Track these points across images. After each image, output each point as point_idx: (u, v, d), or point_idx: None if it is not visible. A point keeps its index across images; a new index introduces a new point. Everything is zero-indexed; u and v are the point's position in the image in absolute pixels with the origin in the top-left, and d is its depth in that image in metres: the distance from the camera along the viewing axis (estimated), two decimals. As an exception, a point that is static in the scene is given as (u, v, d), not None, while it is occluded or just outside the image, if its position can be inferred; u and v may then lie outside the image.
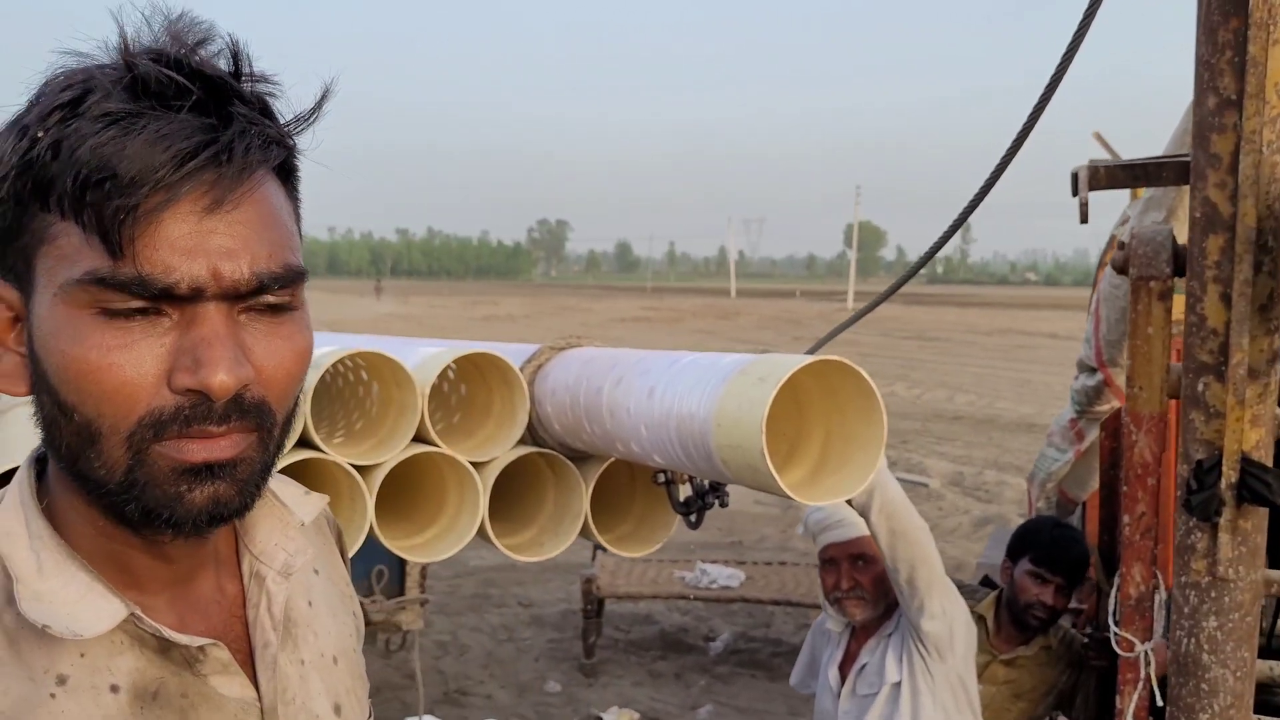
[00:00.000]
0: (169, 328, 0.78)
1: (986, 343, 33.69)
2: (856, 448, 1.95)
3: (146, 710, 0.85)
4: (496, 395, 2.40)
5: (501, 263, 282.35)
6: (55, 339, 0.78)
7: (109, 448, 0.78)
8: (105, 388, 0.77)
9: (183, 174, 0.75)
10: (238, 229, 0.78)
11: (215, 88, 0.78)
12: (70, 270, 0.76)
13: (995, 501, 11.04)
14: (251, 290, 0.79)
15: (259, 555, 0.97)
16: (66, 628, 0.80)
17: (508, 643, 6.86)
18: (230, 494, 0.81)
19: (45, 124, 0.76)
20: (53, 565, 0.83)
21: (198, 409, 0.78)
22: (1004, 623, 3.49)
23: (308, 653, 0.99)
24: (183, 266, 0.76)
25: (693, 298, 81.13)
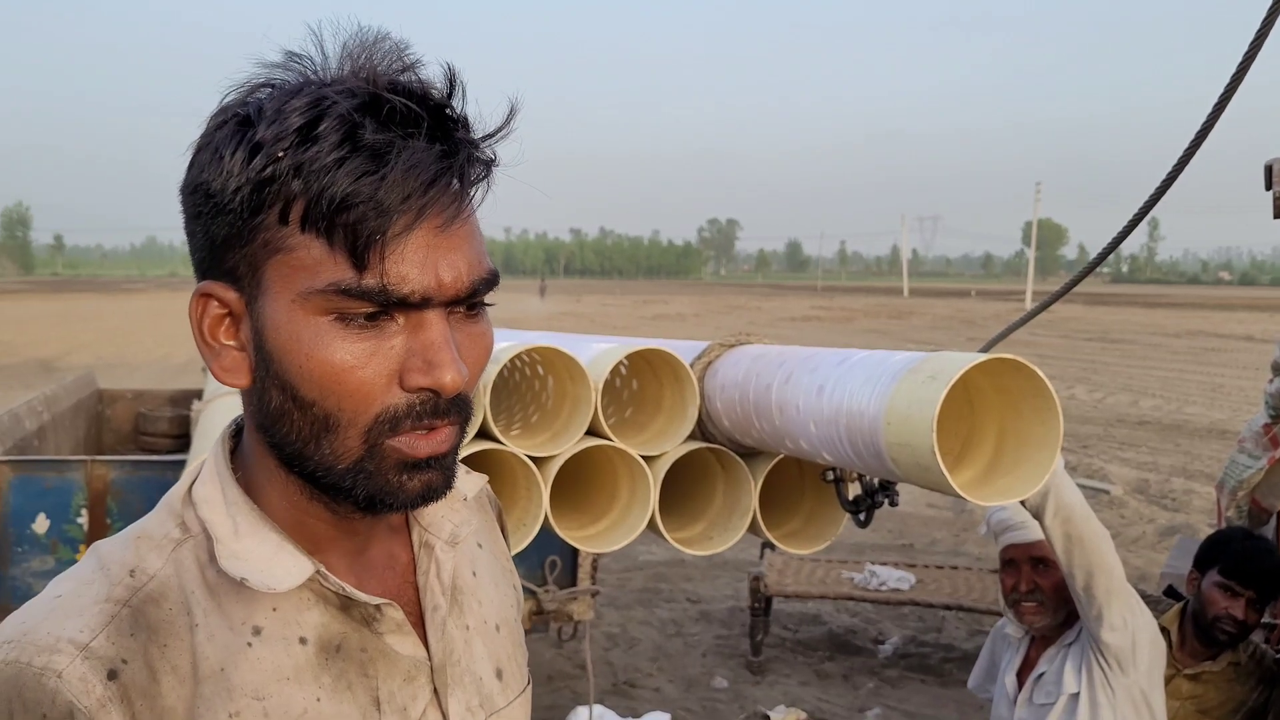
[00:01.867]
0: (396, 332, 0.86)
1: (1175, 345, 32.17)
2: (1031, 448, 1.91)
3: (331, 661, 0.93)
4: (667, 391, 2.44)
5: (672, 262, 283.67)
6: (296, 341, 0.85)
7: (346, 438, 0.87)
8: (348, 387, 0.85)
9: (426, 201, 0.83)
10: (458, 242, 0.86)
11: (440, 115, 0.85)
12: (311, 280, 0.84)
13: (1182, 510, 10.55)
14: (466, 296, 0.88)
15: (427, 526, 1.05)
16: (262, 581, 0.89)
17: (676, 637, 6.92)
18: (439, 480, 0.91)
19: (281, 144, 0.82)
20: (248, 527, 0.92)
21: (427, 405, 0.87)
22: (1189, 636, 3.34)
23: (472, 619, 1.07)
24: (417, 279, 0.84)
25: (864, 297, 79.96)
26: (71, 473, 3.76)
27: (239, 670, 0.89)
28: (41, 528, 3.71)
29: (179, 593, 0.90)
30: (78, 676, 0.83)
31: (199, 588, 0.91)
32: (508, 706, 1.08)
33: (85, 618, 0.87)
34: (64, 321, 38.54)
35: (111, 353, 25.49)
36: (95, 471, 3.75)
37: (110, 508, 3.74)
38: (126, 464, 3.85)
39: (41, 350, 26.19)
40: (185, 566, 0.92)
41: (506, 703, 1.08)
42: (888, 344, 28.97)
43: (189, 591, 0.91)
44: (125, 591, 0.89)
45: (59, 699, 0.83)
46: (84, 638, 0.85)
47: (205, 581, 0.91)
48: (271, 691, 0.90)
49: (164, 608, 0.89)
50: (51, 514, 3.72)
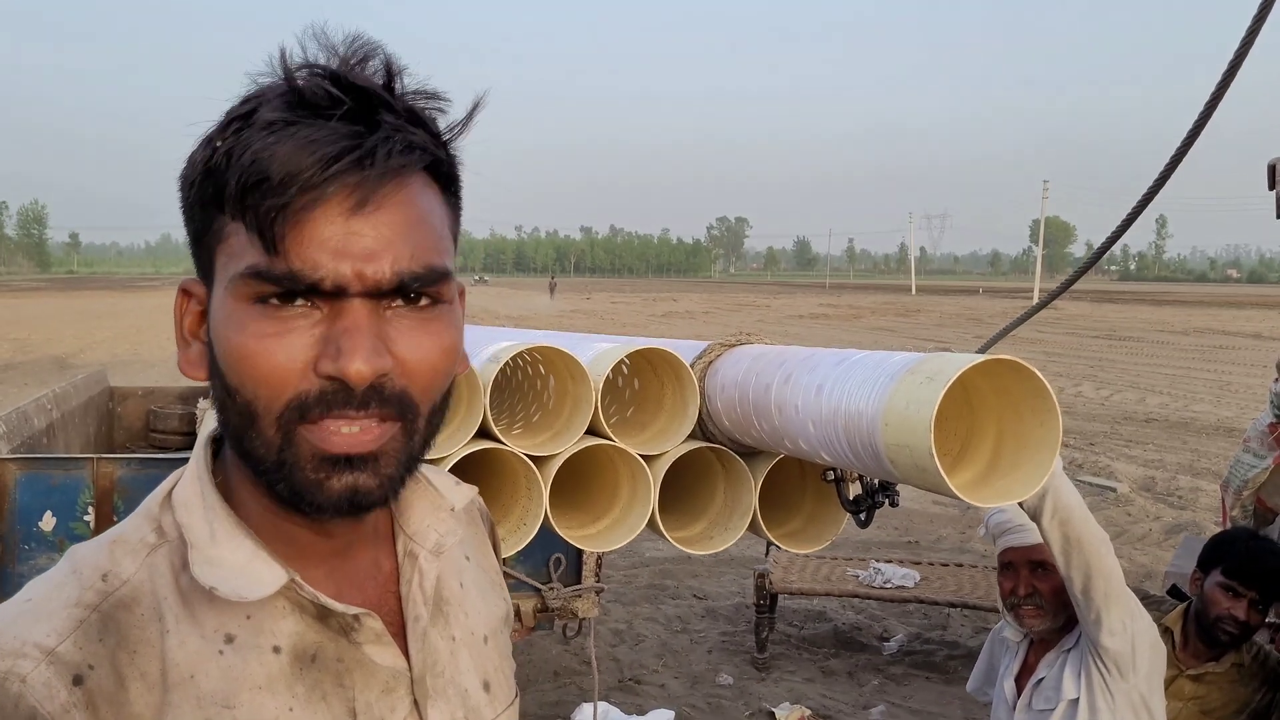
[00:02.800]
0: (319, 320, 0.84)
1: (1182, 342, 32.08)
2: (1030, 449, 1.92)
3: (305, 671, 0.92)
4: (668, 390, 2.45)
5: (681, 259, 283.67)
6: (224, 327, 0.86)
7: (263, 428, 0.85)
8: (260, 371, 0.84)
9: (327, 176, 0.80)
10: (382, 230, 0.83)
11: (366, 99, 0.84)
12: (236, 265, 0.84)
13: (1189, 508, 10.52)
14: (393, 288, 0.85)
15: (412, 535, 1.03)
16: (233, 590, 0.88)
17: (681, 634, 6.93)
18: (371, 485, 0.87)
19: (224, 134, 0.83)
20: (224, 534, 0.91)
21: (338, 395, 0.84)
22: (1191, 636, 3.34)
23: (458, 630, 1.05)
24: (328, 264, 0.82)
25: (872, 294, 79.83)
26: (78, 470, 3.77)
27: (209, 678, 0.88)
28: (48, 525, 3.73)
29: (151, 598, 0.90)
30: (41, 681, 0.83)
31: (172, 594, 0.90)
32: (496, 718, 1.07)
33: (53, 622, 0.86)
34: (79, 319, 38.69)
35: (126, 350, 25.57)
36: (102, 469, 3.76)
37: (117, 505, 3.76)
38: (133, 462, 3.87)
39: (57, 347, 26.28)
40: (159, 572, 0.91)
41: (494, 715, 1.07)
42: (895, 341, 28.94)
43: (161, 597, 0.90)
44: (96, 596, 0.88)
45: (22, 704, 0.82)
46: (50, 642, 0.85)
47: (179, 587, 0.90)
48: (243, 700, 0.89)
49: (135, 613, 0.89)
50: (58, 512, 3.74)
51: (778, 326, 36.36)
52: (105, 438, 6.46)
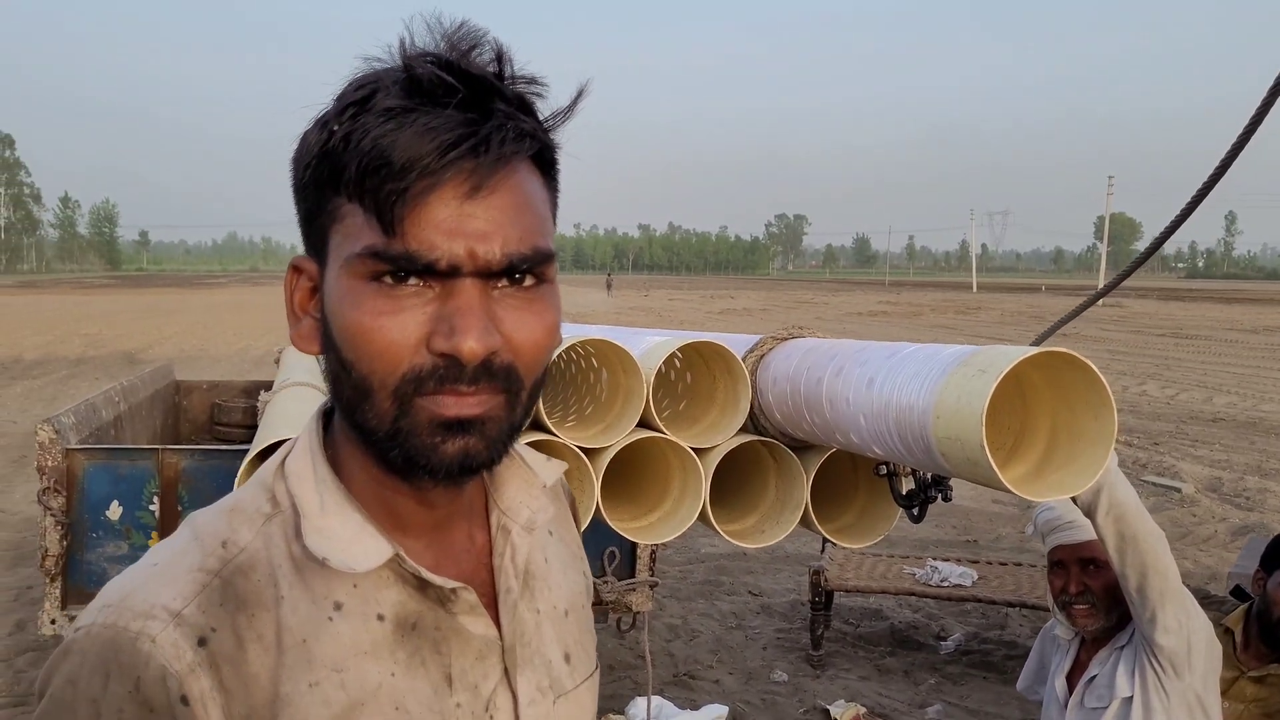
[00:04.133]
0: (432, 298, 0.88)
1: (1252, 341, 31.41)
2: (1084, 443, 1.90)
3: (406, 638, 0.96)
4: (720, 384, 2.45)
5: (739, 257, 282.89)
6: (340, 304, 0.90)
7: (379, 400, 0.89)
8: (376, 347, 0.87)
9: (445, 162, 0.84)
10: (493, 213, 0.87)
11: (480, 87, 0.87)
12: (353, 245, 0.88)
13: (1257, 509, 10.31)
14: (502, 269, 0.88)
15: (505, 511, 1.07)
16: (342, 562, 0.93)
17: (736, 630, 6.91)
18: (479, 448, 0.91)
19: (340, 119, 0.87)
20: (333, 505, 0.96)
21: (451, 370, 0.87)
22: (1254, 637, 3.28)
23: (543, 603, 1.10)
24: (443, 245, 0.86)
25: (932, 292, 79.06)
26: (144, 461, 3.86)
27: (320, 643, 0.93)
28: (115, 514, 3.82)
29: (267, 566, 0.94)
30: (170, 642, 0.88)
31: (285, 562, 0.95)
32: (575, 689, 1.11)
33: (179, 586, 0.91)
34: (148, 315, 39.42)
35: (193, 345, 26.04)
36: (167, 460, 3.84)
37: (181, 495, 3.84)
38: (197, 453, 3.95)
39: (127, 343, 26.81)
40: (274, 540, 0.95)
41: (574, 685, 1.10)
42: (955, 339, 28.63)
43: (276, 565, 0.94)
44: (217, 563, 0.93)
45: (152, 663, 0.87)
46: (177, 605, 0.90)
47: (291, 556, 0.95)
48: (350, 664, 0.93)
49: (252, 580, 0.93)
50: (125, 501, 3.83)
51: (836, 324, 36.12)
52: (171, 430, 6.60)
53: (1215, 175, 2.50)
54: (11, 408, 15.75)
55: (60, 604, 3.79)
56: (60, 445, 3.78)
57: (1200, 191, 2.54)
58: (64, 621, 3.79)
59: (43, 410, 14.22)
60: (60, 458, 3.77)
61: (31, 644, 6.25)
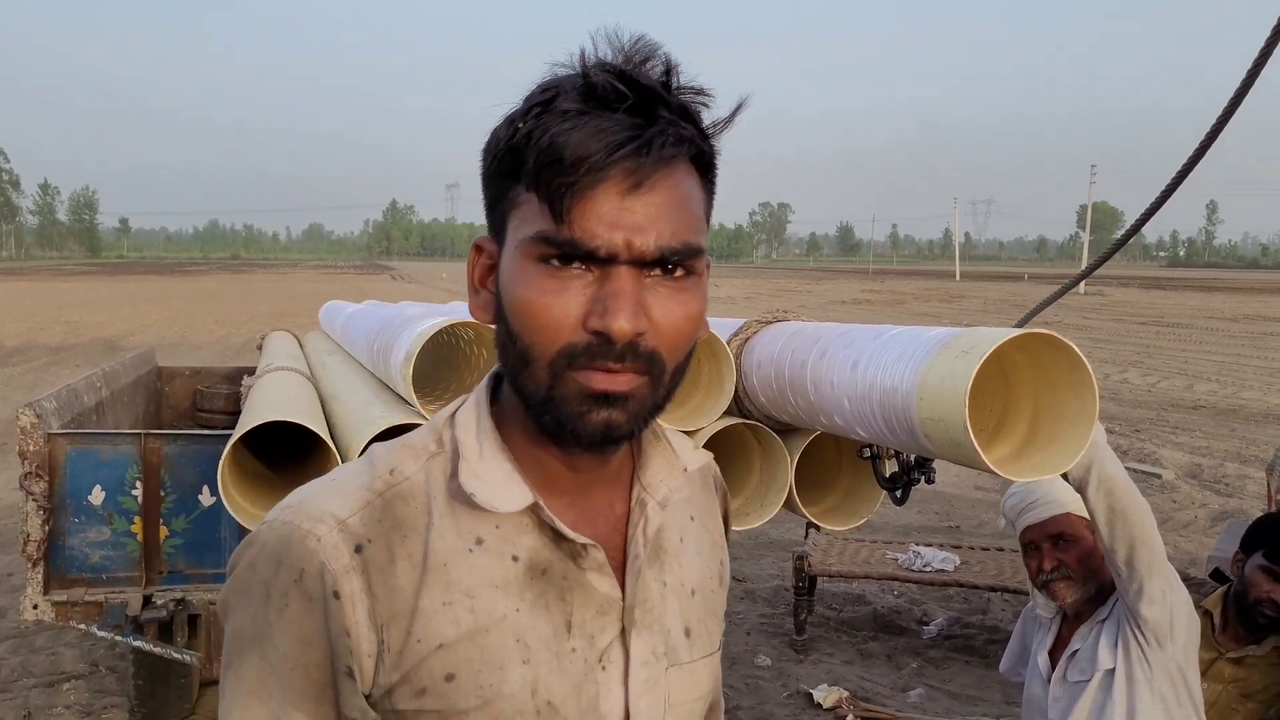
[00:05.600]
0: (590, 282, 0.97)
1: (1232, 329, 31.61)
2: (1066, 423, 1.91)
3: (535, 581, 1.06)
4: (705, 366, 2.46)
5: (723, 245, 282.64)
6: (511, 281, 1.00)
7: (537, 370, 0.99)
8: (539, 321, 0.98)
9: (610, 160, 0.93)
10: (650, 209, 0.96)
11: (648, 95, 0.97)
12: (527, 229, 0.98)
13: (1236, 495, 10.40)
14: (655, 260, 0.97)
15: (646, 486, 1.15)
16: (487, 500, 1.04)
17: (719, 616, 6.94)
18: (621, 420, 1.00)
19: (526, 117, 0.97)
20: (489, 453, 1.07)
21: (601, 347, 0.96)
22: (1231, 619, 3.30)
23: (670, 577, 1.17)
24: (604, 235, 0.95)
25: (915, 280, 79.25)
26: (127, 446, 3.84)
27: (459, 569, 1.04)
28: (97, 499, 3.80)
29: (424, 496, 1.06)
30: (332, 544, 1.01)
31: (441, 494, 1.06)
32: (691, 663, 1.17)
33: (347, 499, 1.04)
34: (129, 302, 39.22)
35: (174, 333, 25.93)
36: (150, 445, 3.82)
37: (164, 480, 3.82)
38: (180, 438, 3.93)
39: (107, 330, 26.67)
40: (434, 476, 1.07)
41: (690, 659, 1.17)
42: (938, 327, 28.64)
43: (432, 496, 1.06)
44: (383, 485, 1.06)
45: (315, 559, 1.01)
46: (343, 514, 1.03)
47: (447, 491, 1.06)
48: (481, 593, 1.04)
49: (411, 505, 1.05)
50: (107, 486, 3.81)
51: (820, 312, 36.11)
52: (153, 416, 6.56)
53: (1194, 158, 2.52)
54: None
55: (43, 589, 3.77)
56: (42, 430, 3.75)
57: (1179, 175, 2.56)
58: (46, 607, 3.77)
59: (23, 397, 14.13)
60: (42, 443, 3.74)
61: (13, 631, 6.23)
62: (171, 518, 3.85)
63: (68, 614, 3.81)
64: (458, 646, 1.03)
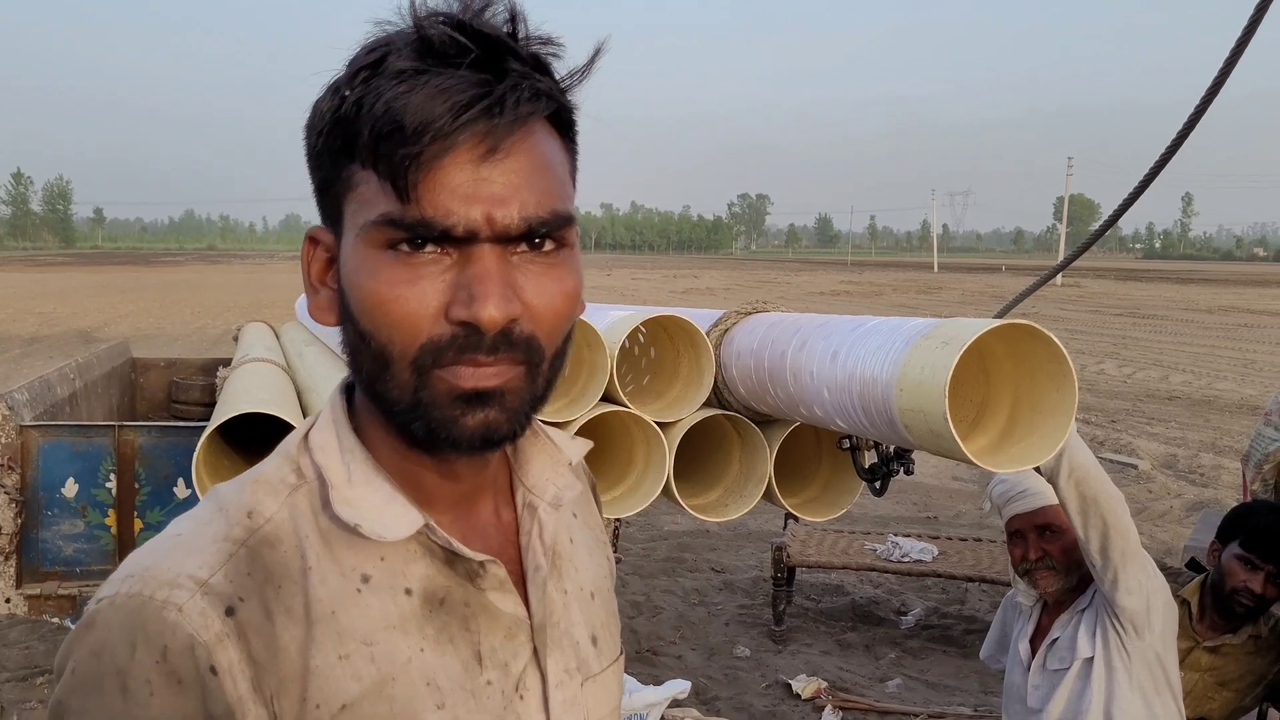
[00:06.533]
0: (449, 266, 0.85)
1: (1207, 320, 31.84)
2: (1046, 414, 1.91)
3: (434, 614, 0.94)
4: (684, 358, 2.45)
5: (702, 236, 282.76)
6: (357, 275, 0.87)
7: (398, 371, 0.87)
8: (394, 317, 0.85)
9: (458, 124, 0.81)
10: (510, 176, 0.85)
11: (493, 47, 0.84)
12: (368, 213, 0.85)
13: (1211, 486, 10.48)
14: (521, 234, 0.86)
15: (531, 487, 1.05)
16: (373, 530, 0.90)
17: (699, 606, 6.95)
18: (500, 420, 0.88)
19: (352, 83, 0.85)
20: (361, 475, 0.94)
21: (470, 339, 0.85)
22: (1208, 608, 3.32)
23: (570, 584, 1.07)
24: (460, 210, 0.83)
25: (893, 272, 79.47)
26: (101, 438, 3.81)
27: (349, 615, 0.90)
28: (71, 492, 3.77)
29: (293, 536, 0.92)
30: (197, 611, 0.85)
31: (312, 533, 0.92)
32: (602, 673, 1.08)
33: (204, 555, 0.89)
34: (104, 293, 38.92)
35: (150, 324, 25.74)
36: (124, 437, 3.79)
37: (138, 473, 3.79)
38: (154, 430, 3.90)
39: (82, 321, 26.46)
40: (300, 511, 0.93)
41: (600, 669, 1.08)
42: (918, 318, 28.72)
43: (303, 535, 0.92)
44: (243, 532, 0.91)
45: (179, 631, 0.85)
46: (203, 574, 0.87)
47: (318, 527, 0.93)
48: (379, 638, 0.91)
49: (279, 550, 0.91)
50: (80, 478, 3.77)
51: (799, 303, 36.22)
52: (128, 407, 6.51)
53: (1168, 152, 2.52)
54: (-36, 387, 15.52)
55: (15, 582, 3.74)
56: (14, 422, 3.72)
57: (1154, 168, 2.56)
58: (19, 600, 3.74)
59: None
60: (14, 434, 3.71)
61: (-14, 624, 6.17)
62: (146, 510, 3.82)
63: (41, 607, 3.79)
64: (363, 704, 0.90)
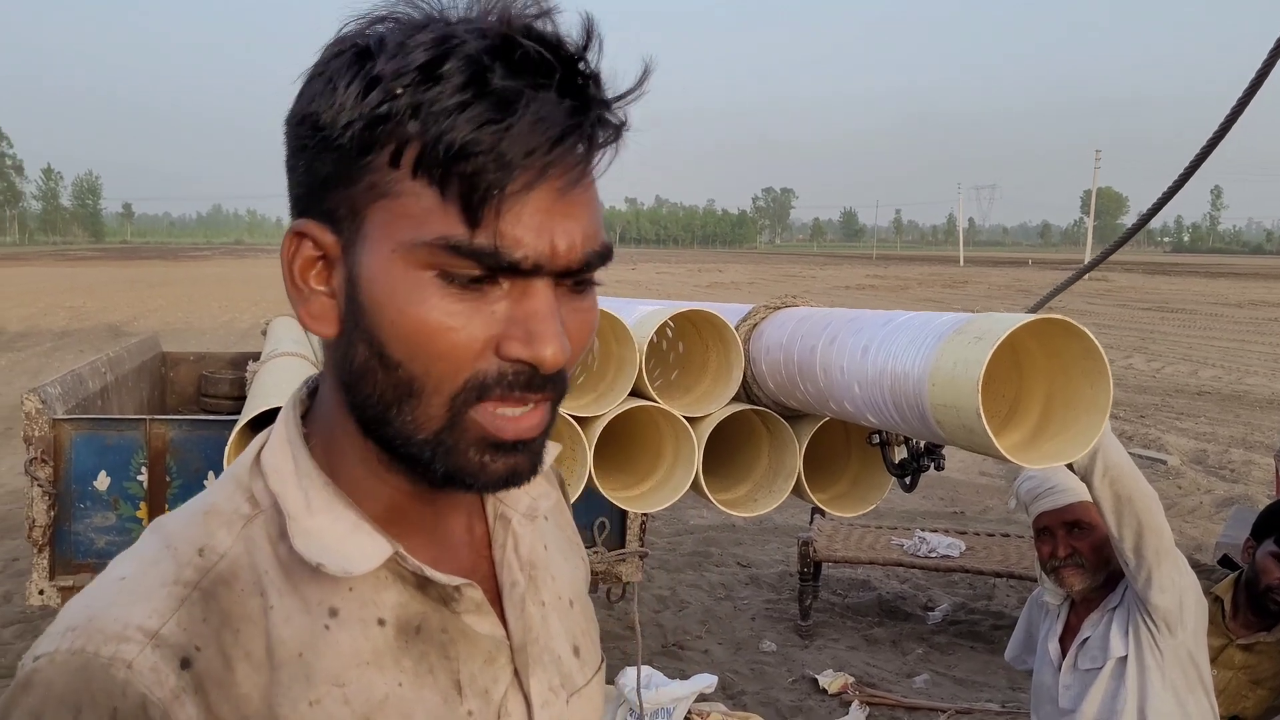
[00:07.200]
0: (501, 297, 0.79)
1: (1237, 315, 31.54)
2: (1080, 410, 1.89)
3: (411, 644, 0.87)
4: (713, 353, 2.44)
5: (727, 230, 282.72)
6: (391, 296, 0.79)
7: (430, 405, 0.80)
8: (439, 348, 0.78)
9: (551, 159, 0.75)
10: (579, 210, 0.80)
11: (573, 67, 0.78)
12: (417, 232, 0.77)
13: (1241, 481, 10.39)
14: (579, 269, 0.81)
15: (502, 498, 0.99)
16: (338, 565, 0.83)
17: (725, 601, 6.94)
18: (526, 465, 0.84)
19: (401, 81, 0.76)
20: (321, 503, 0.86)
21: (520, 377, 0.80)
22: (1242, 606, 3.30)
23: (547, 595, 1.01)
24: (531, 244, 0.77)
25: (919, 266, 79.15)
26: (132, 431, 3.83)
27: (318, 655, 0.83)
28: (103, 485, 3.80)
29: (251, 572, 0.84)
30: (149, 666, 0.77)
31: (272, 567, 0.85)
32: (586, 685, 1.03)
33: (154, 602, 0.81)
34: (133, 288, 39.23)
35: (178, 318, 25.94)
36: (154, 430, 3.82)
37: (169, 466, 3.82)
38: (185, 423, 3.93)
39: (111, 315, 26.69)
40: (257, 544, 0.86)
41: (585, 681, 1.03)
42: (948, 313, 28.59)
43: (261, 571, 0.84)
44: (195, 573, 0.83)
45: (130, 691, 0.76)
46: (154, 624, 0.79)
47: (278, 560, 0.85)
48: (352, 677, 0.84)
49: (236, 589, 0.83)
50: (112, 471, 3.81)
51: (824, 297, 36.11)
52: (158, 401, 6.56)
53: (1202, 154, 2.50)
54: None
55: (48, 574, 3.77)
56: (47, 415, 3.75)
57: (1187, 170, 2.54)
58: (52, 592, 3.77)
59: (27, 383, 14.14)
60: (47, 428, 3.74)
61: (18, 616, 6.24)
62: (177, 503, 3.85)
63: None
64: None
